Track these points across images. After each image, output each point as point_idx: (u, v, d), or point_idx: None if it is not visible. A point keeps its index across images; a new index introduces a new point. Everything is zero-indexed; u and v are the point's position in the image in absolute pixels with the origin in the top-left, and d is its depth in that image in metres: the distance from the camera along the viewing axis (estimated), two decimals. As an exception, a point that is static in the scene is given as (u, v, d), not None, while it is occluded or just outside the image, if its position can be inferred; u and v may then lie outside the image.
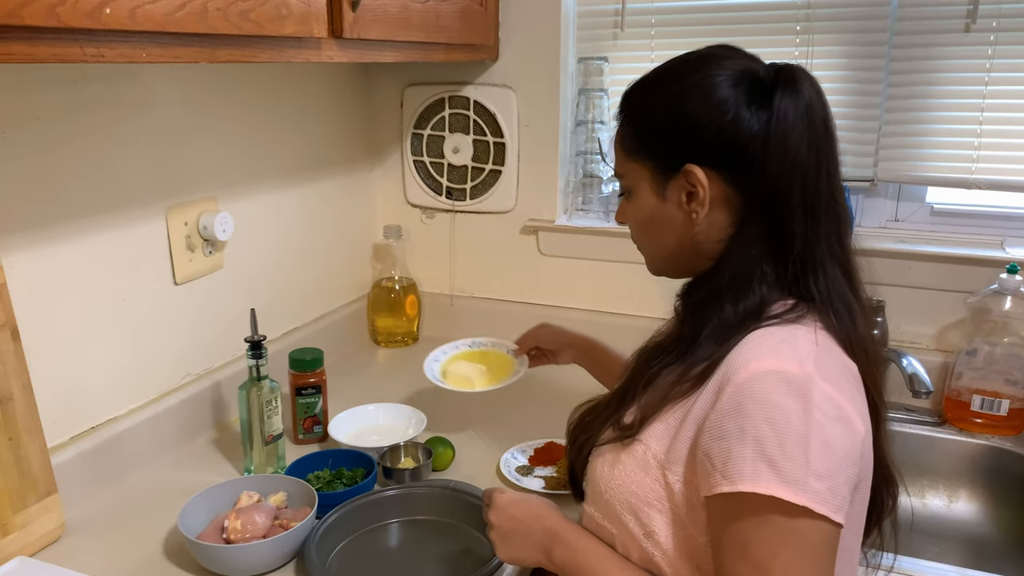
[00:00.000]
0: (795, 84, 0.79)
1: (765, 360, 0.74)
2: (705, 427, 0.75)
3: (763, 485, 0.70)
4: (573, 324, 1.73)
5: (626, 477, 0.82)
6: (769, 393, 0.72)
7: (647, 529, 0.81)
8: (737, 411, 0.72)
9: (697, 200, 0.82)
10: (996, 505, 1.40)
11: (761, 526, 0.71)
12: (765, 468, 0.70)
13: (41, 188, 1.08)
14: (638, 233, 0.91)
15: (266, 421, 1.21)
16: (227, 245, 1.40)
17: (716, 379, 0.76)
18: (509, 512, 0.92)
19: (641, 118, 0.86)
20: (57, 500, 1.07)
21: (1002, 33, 1.38)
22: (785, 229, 0.79)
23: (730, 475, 0.71)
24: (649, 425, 0.81)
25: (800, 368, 0.73)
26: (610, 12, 1.63)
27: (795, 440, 0.70)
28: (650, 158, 0.85)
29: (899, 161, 1.49)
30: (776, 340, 0.76)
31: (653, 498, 0.80)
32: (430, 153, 1.79)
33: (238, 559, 0.99)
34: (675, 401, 0.80)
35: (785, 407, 0.71)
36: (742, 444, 0.71)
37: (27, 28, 0.69)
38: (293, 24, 0.99)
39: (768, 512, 0.70)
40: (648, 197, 0.86)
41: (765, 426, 0.71)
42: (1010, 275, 1.37)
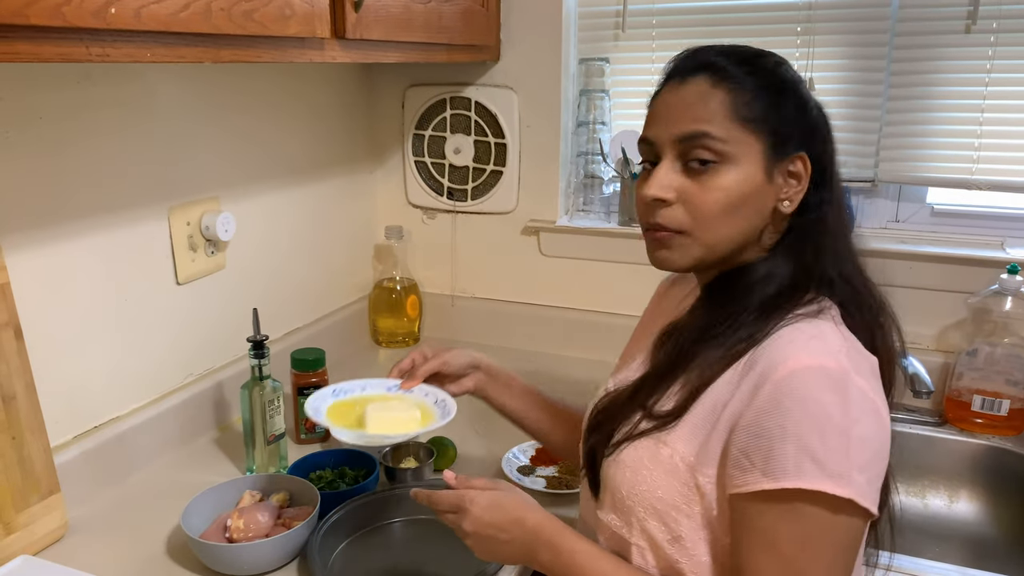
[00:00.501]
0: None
1: (801, 357, 0.74)
2: (741, 426, 0.75)
3: (808, 480, 0.70)
4: (574, 325, 1.75)
5: (652, 483, 0.80)
6: (809, 389, 0.72)
7: (674, 534, 0.80)
8: (777, 408, 0.72)
9: (797, 189, 0.82)
10: (997, 505, 1.40)
11: (795, 521, 0.72)
12: (809, 463, 0.70)
13: (44, 188, 1.08)
14: (719, 212, 0.80)
15: (268, 421, 1.21)
16: (229, 245, 1.40)
17: (752, 377, 0.76)
18: (484, 520, 0.85)
19: (774, 89, 0.81)
20: (60, 499, 1.07)
21: (1002, 34, 1.38)
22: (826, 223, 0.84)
23: (772, 472, 0.71)
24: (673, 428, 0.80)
25: (836, 363, 0.74)
26: (611, 13, 1.63)
27: (837, 434, 0.71)
28: (769, 133, 0.80)
29: (900, 162, 1.50)
30: (806, 337, 0.77)
31: (682, 502, 0.79)
32: (431, 154, 1.79)
33: (241, 558, 0.99)
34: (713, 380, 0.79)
35: (825, 402, 0.71)
36: (783, 441, 0.71)
37: (32, 27, 0.70)
38: (296, 24, 1.00)
39: (808, 507, 0.71)
40: (754, 172, 0.80)
41: (806, 422, 0.71)
42: (1011, 275, 1.37)
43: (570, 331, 1.75)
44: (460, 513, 0.86)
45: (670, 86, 0.83)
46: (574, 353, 1.73)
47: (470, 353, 1.11)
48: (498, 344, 1.80)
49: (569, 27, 1.64)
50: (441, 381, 1.08)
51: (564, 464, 1.26)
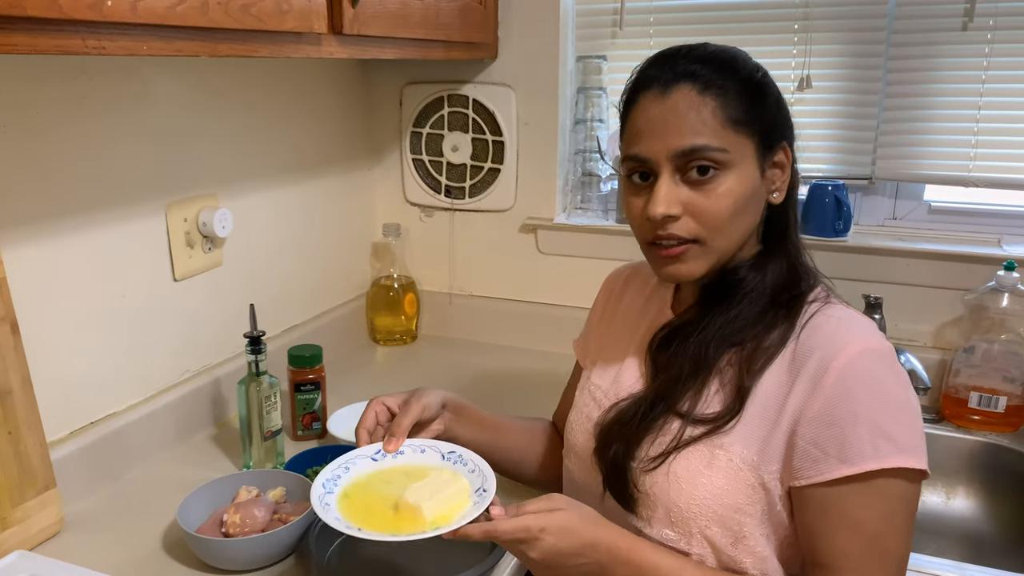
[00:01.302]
0: None
1: (855, 342, 0.77)
2: (807, 418, 0.77)
3: (888, 459, 0.73)
4: (572, 323, 1.74)
5: (712, 490, 0.80)
6: (872, 370, 0.76)
7: (737, 535, 0.80)
8: (847, 395, 0.75)
9: (782, 179, 0.85)
10: (994, 501, 1.40)
11: (879, 500, 0.75)
12: (885, 443, 0.74)
13: (41, 183, 1.08)
14: (731, 217, 0.80)
15: (265, 417, 1.21)
16: (226, 242, 1.40)
17: (809, 370, 0.77)
18: (558, 548, 0.76)
19: (755, 86, 0.82)
20: (56, 495, 1.07)
21: (999, 32, 1.39)
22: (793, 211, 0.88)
23: (849, 458, 0.74)
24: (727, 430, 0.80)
25: (881, 342, 0.78)
26: (609, 11, 1.63)
27: (902, 410, 0.75)
28: (757, 132, 0.81)
29: (897, 159, 1.50)
30: (845, 321, 0.80)
31: (744, 502, 0.79)
32: (429, 151, 1.79)
33: (237, 553, 0.99)
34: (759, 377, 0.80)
35: (886, 381, 0.76)
36: (856, 426, 0.74)
37: (29, 19, 0.69)
38: (293, 19, 1.00)
39: (888, 484, 0.74)
40: (752, 173, 0.81)
41: (875, 403, 0.74)
42: (1007, 272, 1.38)
43: (567, 328, 1.74)
44: (528, 543, 0.75)
45: (651, 97, 0.81)
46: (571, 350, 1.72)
47: (438, 392, 0.99)
48: (495, 342, 1.80)
49: (567, 25, 1.65)
50: (414, 430, 0.94)
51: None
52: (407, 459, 0.91)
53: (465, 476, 0.87)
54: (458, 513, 0.80)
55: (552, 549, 0.75)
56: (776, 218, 0.87)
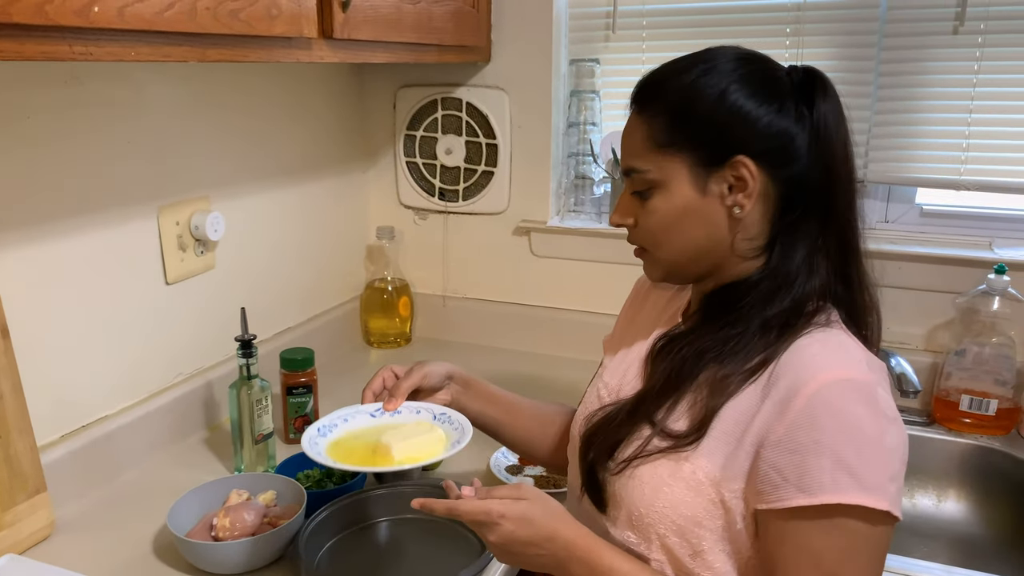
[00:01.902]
0: (827, 84, 0.83)
1: (832, 370, 0.74)
2: (771, 441, 0.74)
3: (846, 495, 0.71)
4: (565, 325, 1.75)
5: (674, 499, 0.80)
6: (841, 402, 0.72)
7: (695, 548, 0.80)
8: (810, 423, 0.72)
9: (744, 193, 0.81)
10: (985, 504, 1.40)
11: (837, 535, 0.72)
12: (845, 477, 0.71)
13: (32, 187, 1.08)
14: (661, 232, 0.85)
15: (256, 420, 1.21)
16: (219, 245, 1.41)
17: (779, 392, 0.75)
18: (515, 535, 0.79)
19: (681, 108, 0.82)
20: (47, 498, 1.07)
21: (990, 35, 1.39)
22: (833, 227, 0.82)
23: (807, 488, 0.72)
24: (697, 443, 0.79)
25: (862, 374, 0.75)
26: (601, 14, 1.64)
27: (870, 447, 0.72)
28: (691, 150, 0.81)
29: (889, 163, 1.50)
30: (831, 348, 0.77)
31: (704, 517, 0.79)
32: (423, 154, 1.79)
33: (226, 556, 0.99)
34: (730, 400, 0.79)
35: (858, 415, 0.72)
36: (818, 456, 0.71)
37: (15, 26, 0.70)
38: (283, 24, 1.00)
39: (847, 521, 0.71)
40: (685, 191, 0.82)
41: (841, 436, 0.71)
42: (998, 276, 1.38)
43: (561, 331, 1.76)
44: (488, 526, 0.80)
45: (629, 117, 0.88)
46: (565, 353, 1.73)
47: (444, 364, 1.08)
48: (489, 344, 1.80)
49: (560, 28, 1.65)
50: (417, 396, 1.04)
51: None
52: (403, 418, 1.00)
53: (445, 430, 0.96)
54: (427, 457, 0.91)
55: (509, 536, 0.79)
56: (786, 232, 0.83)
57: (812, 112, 0.81)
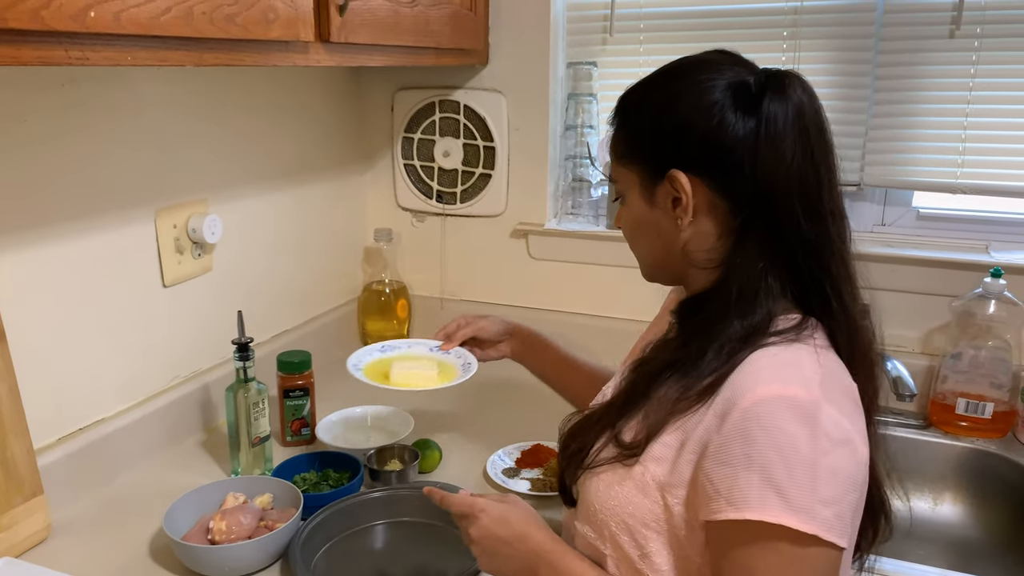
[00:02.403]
0: (784, 89, 0.78)
1: (772, 385, 0.72)
2: (709, 452, 0.73)
3: (771, 513, 0.69)
4: (563, 327, 1.74)
5: (623, 498, 0.80)
6: (776, 419, 0.70)
7: (643, 551, 0.80)
8: (743, 437, 0.71)
9: (681, 207, 0.81)
10: (981, 507, 1.40)
11: (768, 554, 0.70)
12: (773, 496, 0.69)
13: (29, 190, 1.08)
14: (630, 238, 0.91)
15: (253, 423, 1.22)
16: (216, 248, 1.41)
17: (720, 403, 0.74)
18: (491, 531, 0.86)
19: (631, 123, 0.86)
20: (43, 501, 1.07)
21: (986, 39, 1.39)
22: (789, 239, 0.78)
23: (736, 502, 0.70)
24: (649, 446, 0.79)
25: (807, 392, 0.72)
26: (599, 17, 1.64)
27: (802, 467, 0.69)
28: (639, 163, 0.84)
29: (885, 166, 1.51)
30: (780, 363, 0.75)
31: (651, 520, 0.79)
32: (420, 157, 1.79)
33: (223, 560, 0.99)
34: (678, 417, 0.78)
35: (792, 433, 0.70)
36: (748, 471, 0.70)
37: (11, 31, 0.70)
38: (280, 28, 1.00)
39: (775, 540, 0.69)
40: (637, 203, 0.86)
41: (772, 452, 0.69)
42: (994, 279, 1.38)
43: (559, 334, 1.74)
44: (469, 519, 0.88)
45: None
46: (562, 356, 1.73)
47: (505, 320, 1.26)
48: (487, 347, 1.81)
49: (557, 31, 1.65)
50: (480, 346, 1.25)
51: (549, 467, 1.26)
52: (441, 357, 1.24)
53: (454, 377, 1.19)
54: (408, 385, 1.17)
55: (486, 531, 0.86)
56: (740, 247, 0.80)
57: (760, 121, 0.77)
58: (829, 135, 0.80)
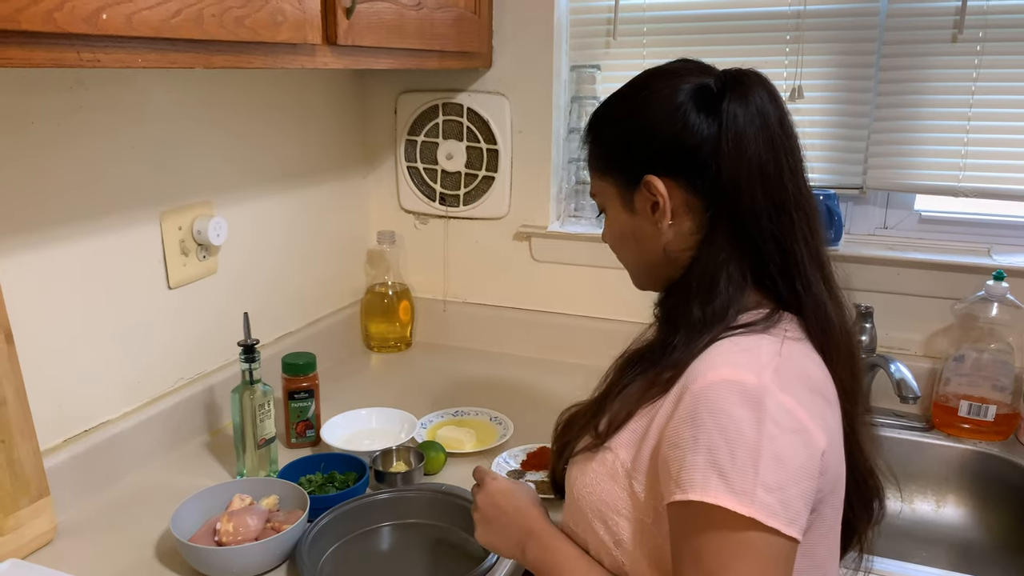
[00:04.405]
0: (743, 88, 0.81)
1: (722, 370, 0.74)
2: (665, 435, 0.76)
3: (711, 495, 0.70)
4: (565, 330, 1.75)
5: (596, 486, 0.83)
6: (722, 403, 0.72)
7: (616, 537, 0.81)
8: (692, 420, 0.73)
9: (659, 210, 0.84)
10: (984, 510, 1.41)
11: (713, 536, 0.71)
12: (715, 477, 0.70)
13: (36, 192, 1.09)
14: (616, 249, 0.94)
15: (259, 425, 1.22)
16: (221, 250, 1.41)
17: (677, 388, 0.77)
18: (495, 499, 0.94)
19: (603, 136, 0.89)
20: (49, 503, 1.07)
21: (988, 43, 1.40)
22: (752, 230, 0.80)
23: (683, 484, 0.72)
24: (618, 433, 0.83)
25: (757, 378, 0.73)
26: (602, 20, 1.64)
27: (746, 451, 0.70)
28: (614, 173, 0.87)
29: (888, 169, 1.51)
30: (738, 350, 0.77)
31: (621, 506, 0.81)
32: (424, 159, 1.80)
33: (230, 561, 0.99)
34: (643, 407, 0.81)
35: (737, 417, 0.71)
36: (695, 453, 0.71)
37: (24, 33, 0.70)
38: (288, 31, 1.00)
39: (718, 522, 0.70)
40: (619, 213, 0.89)
41: (717, 435, 0.71)
42: (997, 282, 1.39)
43: (561, 336, 1.76)
44: (479, 485, 0.97)
45: None
46: (565, 358, 1.73)
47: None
48: (489, 349, 1.81)
49: (561, 34, 1.65)
50: None
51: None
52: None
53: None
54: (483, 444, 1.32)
55: (489, 499, 0.94)
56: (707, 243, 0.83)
57: (721, 119, 0.80)
58: (791, 128, 0.84)
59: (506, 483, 0.95)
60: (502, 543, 0.92)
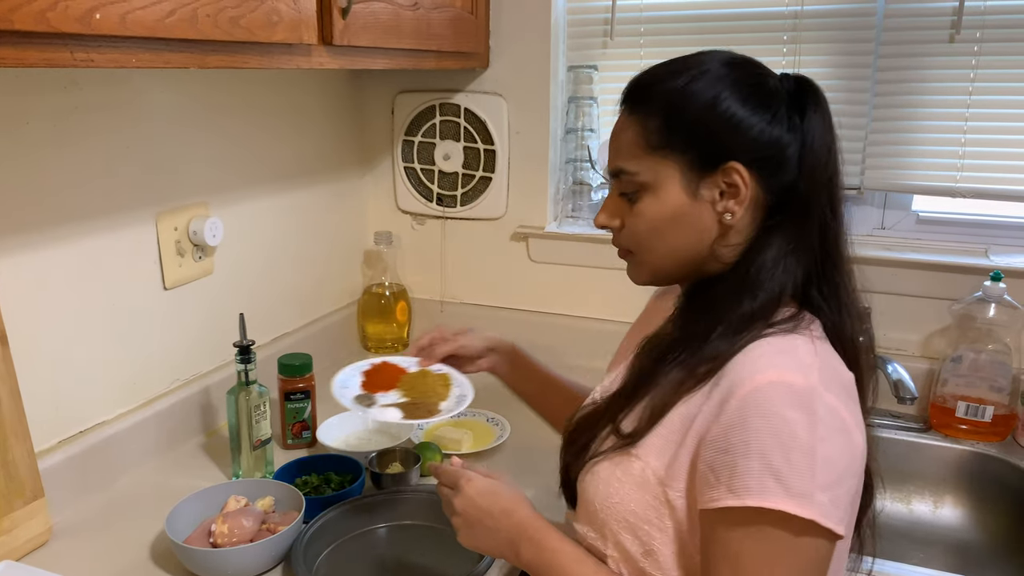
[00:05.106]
0: (818, 93, 0.83)
1: (768, 372, 0.73)
2: (708, 440, 0.74)
3: (770, 500, 0.69)
4: (563, 330, 1.75)
5: (624, 496, 0.80)
6: (774, 405, 0.71)
7: (647, 548, 0.79)
8: (742, 424, 0.71)
9: (737, 199, 0.80)
10: (981, 510, 1.41)
11: (760, 540, 0.70)
12: (772, 482, 0.69)
13: (31, 193, 1.08)
14: (648, 235, 0.84)
15: (254, 426, 1.21)
16: (217, 250, 1.40)
17: (718, 392, 0.75)
18: (475, 502, 0.87)
19: (675, 111, 0.81)
20: (44, 504, 1.07)
21: (986, 43, 1.40)
22: (811, 235, 0.81)
23: (736, 489, 0.70)
24: (646, 439, 0.80)
25: (805, 379, 0.73)
26: (599, 21, 1.64)
27: (801, 453, 0.69)
28: (683, 153, 0.80)
29: (885, 170, 1.51)
30: (775, 351, 0.76)
31: (653, 516, 0.79)
32: (421, 160, 1.79)
33: (225, 563, 0.99)
34: (683, 399, 0.78)
35: (790, 419, 0.70)
36: (747, 458, 0.70)
37: (17, 33, 0.70)
38: (283, 31, 1.00)
39: (771, 526, 0.70)
40: (676, 195, 0.81)
41: (770, 439, 0.70)
42: (994, 283, 1.38)
43: (559, 337, 1.75)
44: (455, 490, 0.89)
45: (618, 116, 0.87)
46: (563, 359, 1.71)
47: (487, 336, 1.17)
48: (487, 350, 1.80)
49: (558, 34, 1.65)
50: (459, 362, 1.15)
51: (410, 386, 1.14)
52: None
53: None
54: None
55: (471, 502, 0.87)
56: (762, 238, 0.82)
57: (803, 122, 0.81)
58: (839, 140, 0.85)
59: (484, 482, 0.88)
60: (490, 545, 0.88)
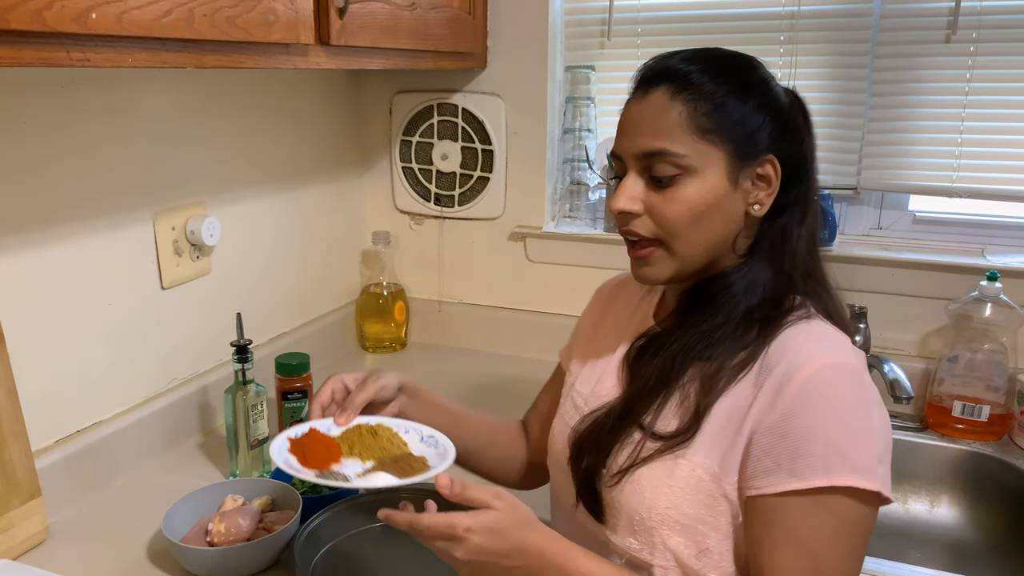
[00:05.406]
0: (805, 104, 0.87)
1: (821, 356, 0.76)
2: (764, 428, 0.75)
3: (838, 477, 0.72)
4: (561, 330, 1.74)
5: (675, 499, 0.79)
6: (834, 386, 0.75)
7: (702, 547, 0.79)
8: (803, 409, 0.74)
9: (767, 192, 0.82)
10: (977, 510, 1.41)
11: (825, 518, 0.73)
12: (837, 460, 0.72)
13: (28, 192, 1.08)
14: (686, 222, 0.80)
15: (251, 425, 1.21)
16: (214, 250, 1.41)
17: (773, 381, 0.76)
18: (483, 548, 0.73)
19: (730, 97, 0.80)
20: (41, 504, 1.07)
21: (982, 44, 1.40)
22: (811, 227, 0.85)
23: (800, 472, 0.73)
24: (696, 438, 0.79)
25: (854, 358, 0.78)
26: (597, 21, 1.64)
27: (860, 428, 0.74)
28: (733, 141, 0.80)
29: (882, 170, 1.51)
30: (815, 336, 0.79)
31: (707, 514, 0.79)
32: (419, 160, 1.80)
33: (221, 562, 0.99)
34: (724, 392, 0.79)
35: (847, 397, 0.75)
36: (811, 441, 0.73)
37: (13, 32, 0.70)
38: (280, 30, 1.00)
39: (837, 503, 0.73)
40: (719, 182, 0.80)
41: (833, 419, 0.73)
42: (990, 282, 1.39)
43: (556, 336, 1.74)
44: (453, 542, 0.73)
45: (635, 97, 0.83)
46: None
47: (397, 375, 0.99)
48: (484, 349, 1.81)
49: (555, 35, 1.66)
50: (372, 409, 0.96)
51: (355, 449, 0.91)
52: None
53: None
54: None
55: (478, 550, 0.73)
56: (772, 231, 0.84)
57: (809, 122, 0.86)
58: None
59: (484, 522, 0.73)
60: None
